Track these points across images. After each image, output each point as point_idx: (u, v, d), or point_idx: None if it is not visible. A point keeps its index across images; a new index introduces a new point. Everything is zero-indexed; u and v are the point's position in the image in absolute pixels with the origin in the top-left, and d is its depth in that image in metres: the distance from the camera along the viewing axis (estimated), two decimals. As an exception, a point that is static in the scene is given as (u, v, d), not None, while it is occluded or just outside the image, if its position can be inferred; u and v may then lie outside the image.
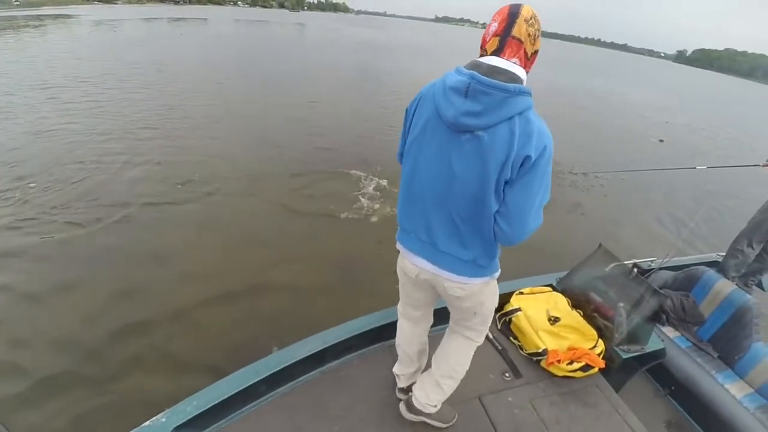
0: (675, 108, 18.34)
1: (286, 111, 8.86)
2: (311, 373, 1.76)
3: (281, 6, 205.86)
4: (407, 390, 1.63)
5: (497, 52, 1.07)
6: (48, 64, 11.33)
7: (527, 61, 1.09)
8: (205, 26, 35.19)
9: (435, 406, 1.55)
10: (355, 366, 1.83)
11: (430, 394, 1.53)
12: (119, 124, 6.93)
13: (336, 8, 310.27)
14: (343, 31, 44.49)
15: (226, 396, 1.48)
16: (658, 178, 6.73)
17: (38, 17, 30.59)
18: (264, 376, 1.58)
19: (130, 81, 10.21)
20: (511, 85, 1.00)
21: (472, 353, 1.54)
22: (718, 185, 7.16)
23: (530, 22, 1.04)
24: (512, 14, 1.05)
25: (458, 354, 1.52)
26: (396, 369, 1.68)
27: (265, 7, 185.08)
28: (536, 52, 1.10)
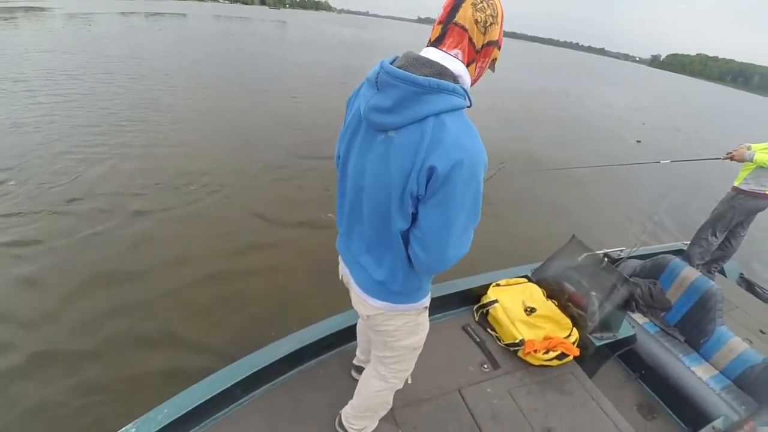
0: (651, 110, 18.80)
1: (268, 106, 8.71)
2: (289, 374, 1.71)
3: (262, 3, 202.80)
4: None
5: (437, 42, 0.89)
6: (21, 58, 10.73)
7: (476, 54, 0.89)
8: (185, 21, 34.08)
9: (360, 430, 1.46)
10: (334, 364, 1.79)
11: (350, 420, 1.44)
12: (96, 119, 6.64)
13: (318, 6, 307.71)
14: (325, 30, 44.11)
15: (200, 402, 1.40)
16: (627, 173, 6.93)
17: (8, 9, 29.16)
18: (240, 378, 1.51)
19: (109, 75, 9.78)
20: (423, 79, 0.81)
21: (388, 395, 1.38)
22: (683, 179, 7.45)
23: (480, 6, 0.84)
24: None
25: (369, 390, 1.36)
26: (357, 353, 1.68)
27: (245, 3, 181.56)
28: (491, 44, 0.90)
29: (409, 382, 1.40)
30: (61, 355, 2.47)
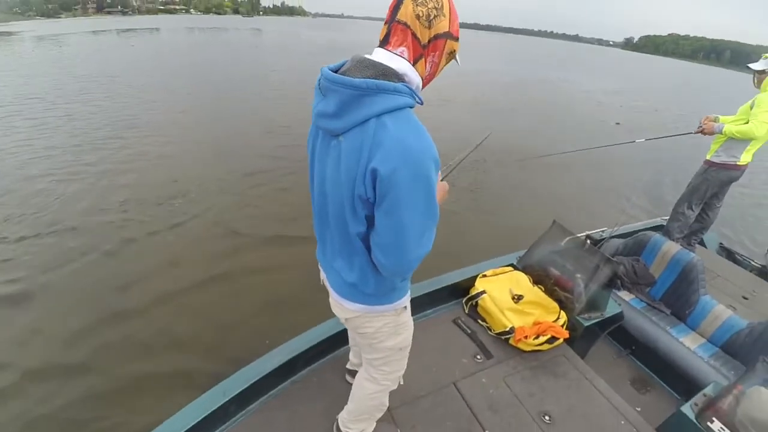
0: (628, 92, 18.97)
1: (247, 114, 8.68)
2: (282, 385, 1.68)
3: (236, 12, 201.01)
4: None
5: (384, 42, 0.88)
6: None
7: (423, 50, 0.88)
8: (158, 36, 33.63)
9: None
10: (327, 371, 1.77)
11: (347, 424, 1.44)
12: (75, 140, 6.57)
13: (292, 12, 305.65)
14: (301, 35, 43.86)
15: (194, 422, 1.37)
16: (607, 155, 6.94)
17: (-26, 37, 28.45)
18: (233, 395, 1.48)
19: (84, 95, 9.65)
20: (359, 81, 0.79)
21: (382, 397, 1.36)
22: (660, 156, 7.56)
23: (421, 0, 0.82)
24: None
25: (363, 393, 1.35)
26: (350, 356, 1.68)
27: (219, 13, 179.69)
28: (439, 37, 0.87)
29: (401, 383, 1.39)
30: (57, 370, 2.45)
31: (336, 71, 0.89)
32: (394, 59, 0.86)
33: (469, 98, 12.33)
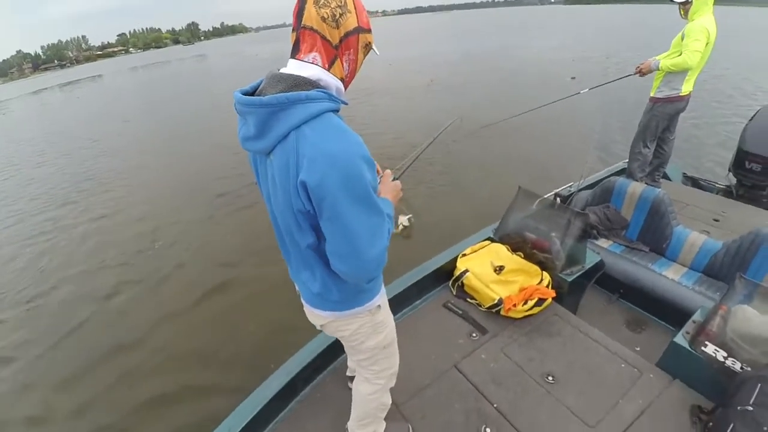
0: (577, 46, 19.09)
1: (207, 141, 8.50)
2: (288, 408, 1.66)
3: (176, 42, 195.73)
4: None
5: (294, 51, 0.86)
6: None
7: (336, 51, 0.86)
8: (102, 82, 32.49)
9: None
10: (328, 384, 1.76)
11: (356, 430, 1.44)
12: (39, 204, 6.36)
13: (234, 30, 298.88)
14: (246, 52, 43.03)
15: None
16: (564, 109, 7.00)
17: None
18: (239, 428, 1.45)
19: (39, 157, 9.32)
20: (269, 98, 0.78)
21: (380, 396, 1.36)
22: (613, 101, 7.70)
23: (322, 1, 0.80)
24: None
25: (361, 397, 1.36)
26: (348, 364, 1.68)
27: (159, 47, 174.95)
28: (350, 33, 0.85)
29: (392, 384, 1.39)
30: None
31: (254, 90, 0.89)
32: (305, 67, 0.85)
33: (421, 84, 12.30)
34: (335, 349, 1.81)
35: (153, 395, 2.62)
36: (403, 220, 4.18)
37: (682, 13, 2.87)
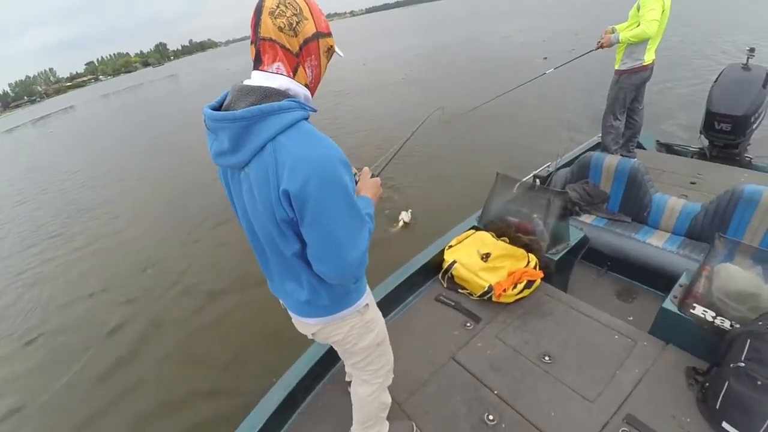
0: (546, 26, 18.99)
1: (189, 160, 8.33)
2: (290, 421, 1.63)
3: (146, 65, 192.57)
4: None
5: (257, 63, 0.85)
6: None
7: (297, 58, 0.85)
8: (74, 113, 31.76)
9: None
10: (329, 392, 1.73)
11: None
12: (27, 240, 6.25)
13: (203, 47, 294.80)
14: (218, 66, 42.46)
15: None
16: (536, 90, 6.98)
17: None
18: None
19: (18, 195, 9.10)
20: (242, 112, 0.77)
21: (379, 396, 1.35)
22: (579, 78, 7.64)
23: (277, 11, 0.80)
24: (257, 10, 0.82)
25: (360, 399, 1.35)
26: (346, 369, 1.64)
27: (129, 71, 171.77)
28: (309, 40, 0.85)
29: (389, 382, 1.38)
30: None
31: (220, 105, 0.88)
32: (272, 78, 0.84)
33: (393, 80, 12.27)
34: (332, 355, 1.75)
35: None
36: (405, 215, 4.14)
37: None
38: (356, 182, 1.16)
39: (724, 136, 3.16)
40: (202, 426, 2.49)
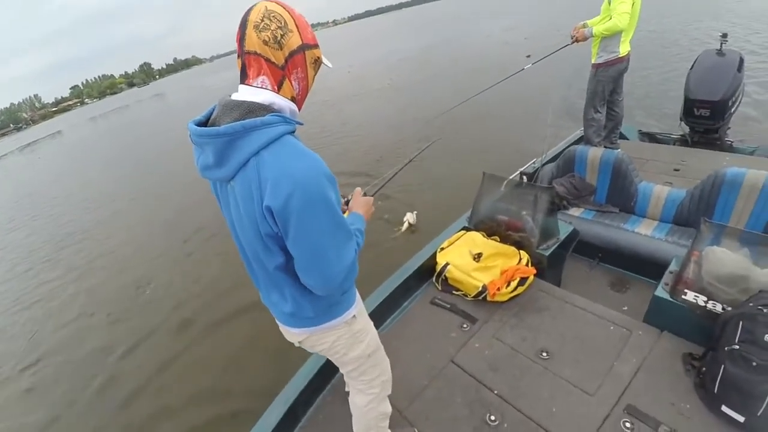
0: (527, 24, 19.23)
1: (179, 179, 8.26)
2: None
3: (131, 85, 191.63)
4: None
5: (243, 77, 0.85)
6: None
7: (283, 71, 0.84)
8: (62, 139, 31.46)
9: None
10: (329, 404, 1.70)
11: None
12: (21, 265, 6.22)
13: (188, 64, 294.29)
14: (205, 82, 42.34)
15: None
16: (519, 86, 6.94)
17: None
18: None
19: (9, 224, 8.97)
20: (225, 128, 0.77)
21: (377, 406, 1.32)
22: (559, 73, 7.74)
23: (262, 25, 0.79)
24: (242, 24, 0.82)
25: (358, 409, 1.34)
26: (345, 379, 1.61)
27: (114, 93, 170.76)
28: (295, 52, 0.84)
29: (388, 392, 1.36)
30: None
31: (207, 118, 0.88)
32: (257, 92, 0.84)
33: (378, 86, 12.31)
34: (331, 367, 1.72)
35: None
36: (410, 217, 4.10)
37: None
38: (347, 201, 1.17)
39: (703, 122, 3.20)
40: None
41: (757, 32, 8.57)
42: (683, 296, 1.56)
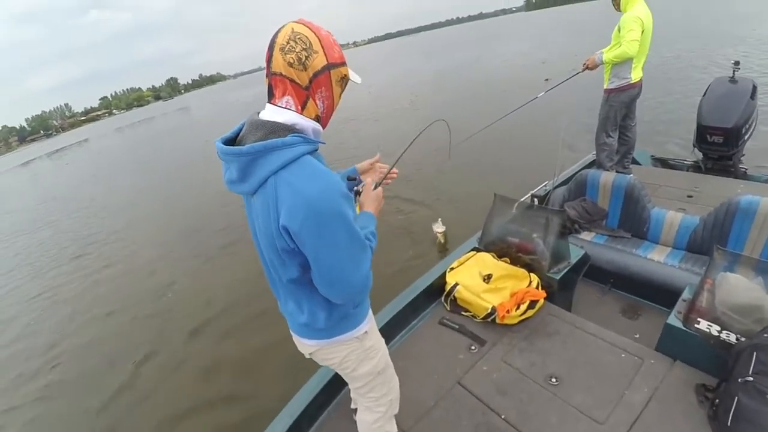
0: (545, 48, 19.27)
1: (206, 188, 8.48)
2: None
3: (157, 98, 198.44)
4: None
5: (270, 97, 0.89)
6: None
7: (307, 92, 0.87)
8: (89, 146, 32.64)
9: None
10: (334, 420, 1.68)
11: None
12: (48, 264, 6.45)
13: (212, 80, 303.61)
14: (228, 98, 43.56)
15: None
16: (531, 113, 6.91)
17: None
18: None
19: (31, 225, 9.31)
20: (247, 147, 0.81)
21: (384, 424, 1.31)
22: (573, 98, 7.68)
23: (287, 47, 0.82)
24: (270, 46, 0.85)
25: (364, 426, 1.33)
26: (351, 395, 1.61)
27: (141, 105, 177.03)
28: (318, 74, 0.86)
29: (395, 411, 1.35)
30: None
31: (236, 135, 0.93)
32: (281, 113, 0.87)
33: (402, 105, 12.45)
34: (337, 383, 1.74)
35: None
36: (440, 236, 4.00)
37: (615, 6, 2.99)
38: (358, 192, 1.17)
39: (717, 148, 3.16)
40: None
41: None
42: (696, 325, 1.52)
